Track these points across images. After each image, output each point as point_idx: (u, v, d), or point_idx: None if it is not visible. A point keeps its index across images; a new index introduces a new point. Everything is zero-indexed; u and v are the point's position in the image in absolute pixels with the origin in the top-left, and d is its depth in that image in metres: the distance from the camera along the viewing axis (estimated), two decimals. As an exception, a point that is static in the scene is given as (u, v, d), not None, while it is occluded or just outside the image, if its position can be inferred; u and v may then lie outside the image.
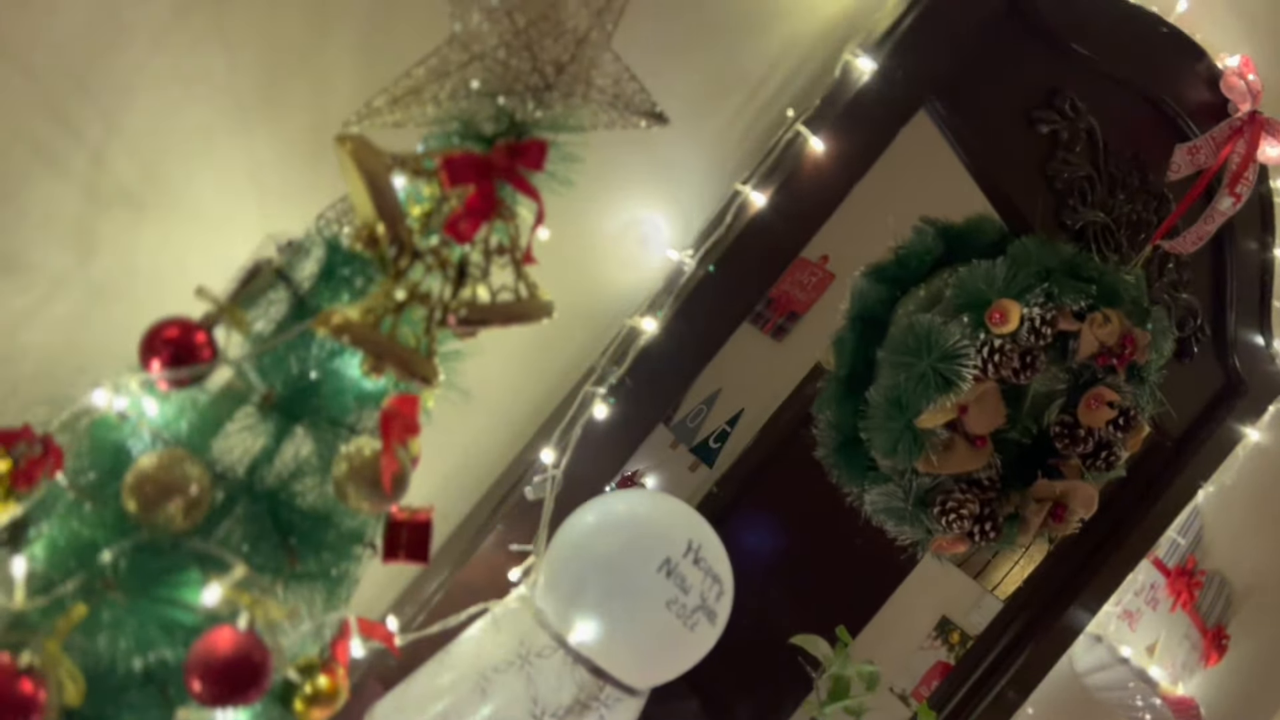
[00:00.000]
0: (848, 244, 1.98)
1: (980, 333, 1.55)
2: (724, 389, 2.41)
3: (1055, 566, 2.26)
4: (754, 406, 2.42)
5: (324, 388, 0.90)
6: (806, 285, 2.38)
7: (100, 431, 0.86)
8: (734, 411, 2.43)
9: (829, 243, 2.25)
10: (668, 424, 2.39)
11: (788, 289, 2.38)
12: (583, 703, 1.14)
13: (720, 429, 2.43)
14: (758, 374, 2.43)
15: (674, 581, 1.16)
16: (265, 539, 0.88)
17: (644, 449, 1.54)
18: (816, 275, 2.37)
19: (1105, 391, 1.68)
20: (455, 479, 1.40)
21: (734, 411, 2.43)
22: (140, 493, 0.78)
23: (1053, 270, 1.60)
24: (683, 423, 2.41)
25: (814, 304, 2.37)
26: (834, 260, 2.32)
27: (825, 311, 2.24)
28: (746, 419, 2.43)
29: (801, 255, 1.72)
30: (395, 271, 0.85)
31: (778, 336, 2.41)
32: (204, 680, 0.75)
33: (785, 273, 2.19)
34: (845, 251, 2.12)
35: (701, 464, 2.45)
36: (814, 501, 2.36)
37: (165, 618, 0.79)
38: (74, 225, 1.00)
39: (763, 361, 2.43)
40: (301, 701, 0.96)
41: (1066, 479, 1.77)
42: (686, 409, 2.41)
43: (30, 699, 0.69)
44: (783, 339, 2.41)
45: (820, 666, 2.52)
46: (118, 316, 1.04)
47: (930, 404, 1.56)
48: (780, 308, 2.39)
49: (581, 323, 1.38)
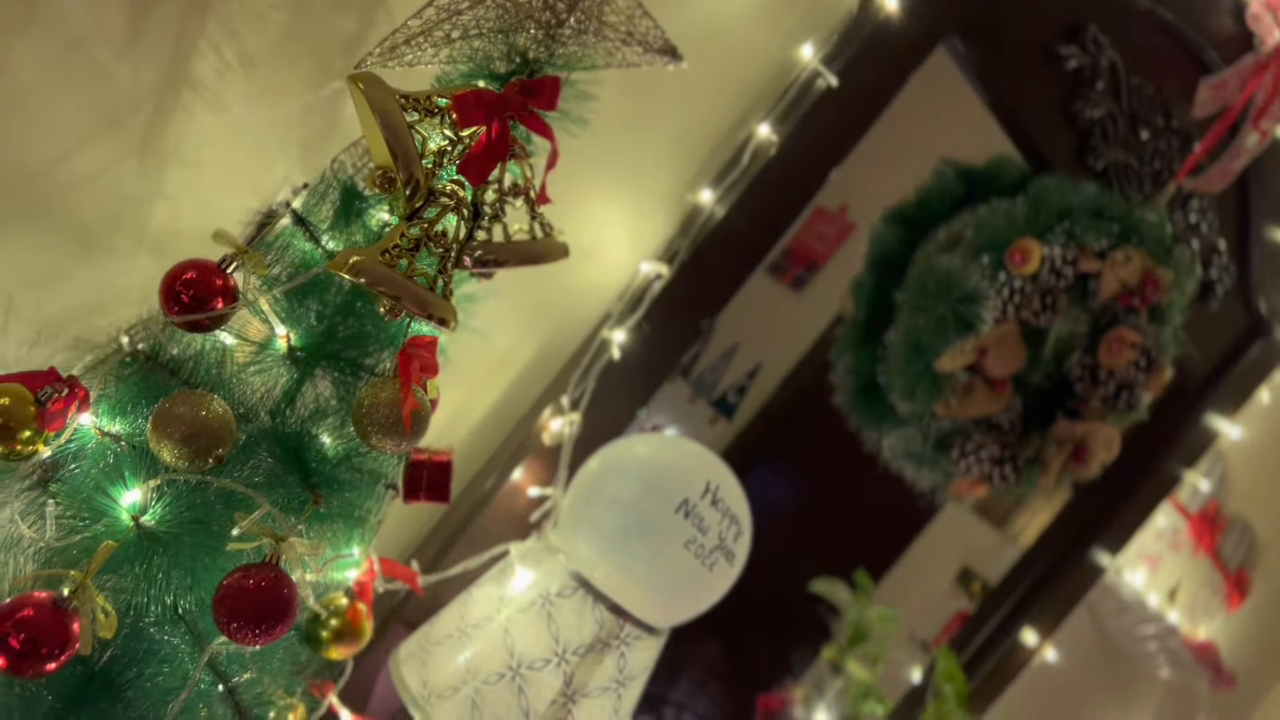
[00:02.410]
0: (867, 193, 1.97)
1: (1000, 274, 1.54)
2: (742, 342, 2.41)
3: (1076, 510, 2.26)
4: (773, 359, 2.42)
5: (342, 330, 0.91)
6: (825, 235, 2.36)
7: (125, 373, 0.87)
8: (753, 365, 2.43)
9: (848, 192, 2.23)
10: (686, 378, 2.39)
11: (806, 239, 2.36)
12: (604, 641, 1.15)
13: (739, 382, 2.43)
14: (776, 326, 2.43)
15: (692, 522, 1.17)
16: (288, 479, 0.89)
17: (663, 403, 1.54)
18: (835, 225, 2.35)
19: (1127, 333, 1.67)
20: (474, 422, 1.41)
21: (753, 365, 2.43)
22: (166, 432, 0.79)
23: (1074, 210, 1.58)
24: (701, 377, 2.41)
25: (833, 254, 2.36)
26: (853, 209, 2.30)
27: (845, 262, 2.23)
28: (765, 372, 2.43)
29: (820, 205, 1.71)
30: (410, 212, 0.86)
31: (797, 288, 2.40)
32: (233, 615, 0.77)
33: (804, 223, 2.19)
34: (864, 201, 2.10)
35: (721, 417, 2.46)
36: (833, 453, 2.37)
37: (192, 555, 0.80)
38: (93, 176, 1.00)
39: (782, 313, 2.42)
40: (327, 638, 0.98)
41: (1087, 421, 1.76)
42: (705, 363, 2.41)
43: (66, 631, 0.71)
44: (802, 290, 2.40)
45: (840, 613, 2.54)
46: (138, 264, 1.05)
47: (949, 347, 1.56)
48: (799, 258, 2.38)
49: (596, 267, 1.38)
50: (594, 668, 1.15)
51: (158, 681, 0.87)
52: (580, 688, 1.14)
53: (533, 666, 1.13)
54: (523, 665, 1.12)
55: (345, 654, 0.99)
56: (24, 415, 0.80)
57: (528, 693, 1.12)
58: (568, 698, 1.13)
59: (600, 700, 1.15)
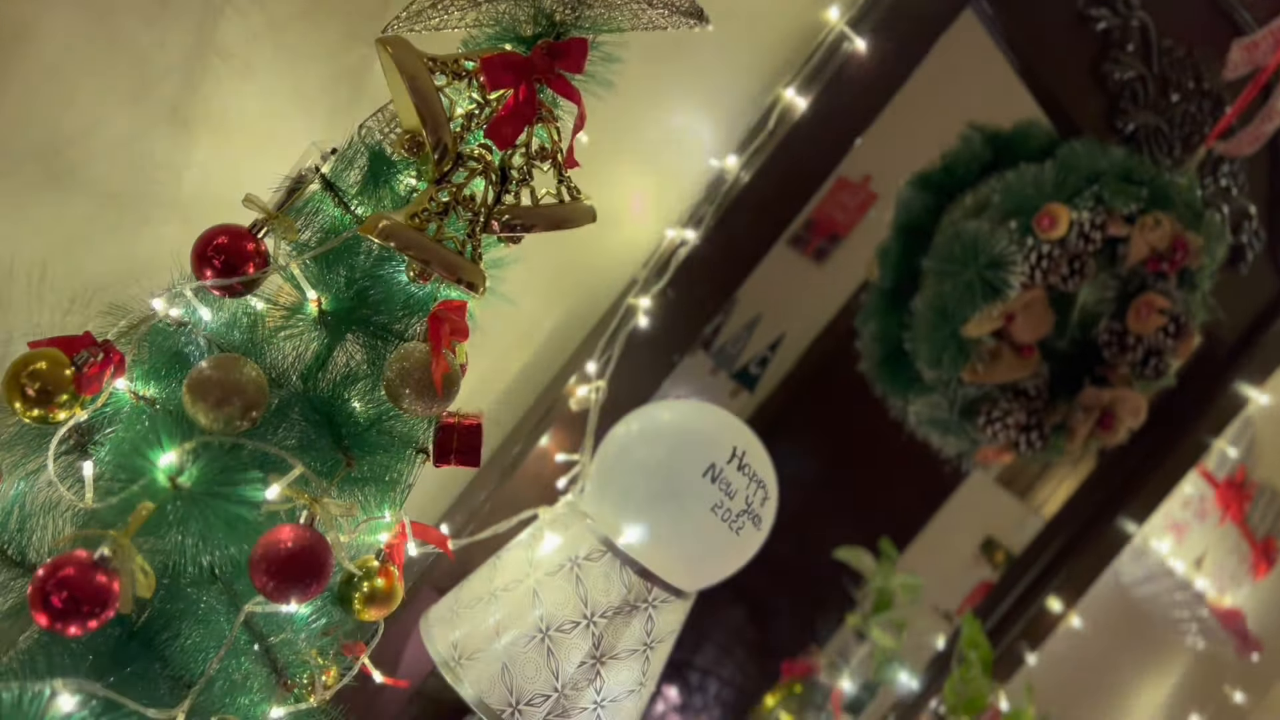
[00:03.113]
0: (890, 163, 1.95)
1: (1028, 239, 1.53)
2: (764, 314, 2.40)
3: (1102, 478, 2.25)
4: (795, 331, 2.42)
5: (372, 294, 0.92)
6: (849, 206, 2.34)
7: (158, 338, 0.88)
8: (775, 336, 2.42)
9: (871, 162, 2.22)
10: (707, 350, 2.39)
11: (829, 210, 2.35)
12: (631, 604, 1.16)
13: (761, 354, 2.43)
14: (799, 298, 2.42)
15: (719, 486, 1.18)
16: (320, 443, 0.90)
17: (684, 375, 1.55)
18: (859, 196, 2.33)
19: (1155, 298, 1.66)
20: (501, 389, 1.41)
21: (775, 336, 2.42)
22: (200, 395, 0.80)
23: (1103, 174, 1.57)
24: (723, 349, 2.41)
25: (856, 225, 2.34)
26: (876, 180, 2.28)
27: (868, 232, 2.22)
28: (788, 343, 2.43)
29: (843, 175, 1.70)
30: (439, 176, 0.86)
31: (819, 259, 2.39)
32: (268, 574, 0.78)
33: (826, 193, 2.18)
34: (888, 171, 2.09)
35: (743, 389, 2.46)
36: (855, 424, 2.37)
37: (228, 516, 0.81)
38: (123, 144, 1.01)
39: (804, 285, 2.41)
40: (359, 600, 0.99)
41: (1114, 388, 1.75)
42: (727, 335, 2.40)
43: (106, 590, 0.72)
44: (824, 261, 2.39)
45: (863, 581, 2.55)
46: (169, 231, 1.06)
47: (976, 312, 1.55)
48: (822, 229, 2.36)
49: (622, 233, 1.38)
50: (622, 630, 1.16)
51: (195, 641, 0.88)
52: (609, 650, 1.15)
53: (562, 629, 1.14)
54: (552, 627, 1.14)
55: (377, 616, 1.00)
56: (61, 379, 0.81)
57: (557, 654, 1.13)
58: (596, 659, 1.14)
59: (628, 662, 1.17)
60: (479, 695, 1.12)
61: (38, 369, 0.81)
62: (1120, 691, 2.87)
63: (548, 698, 1.12)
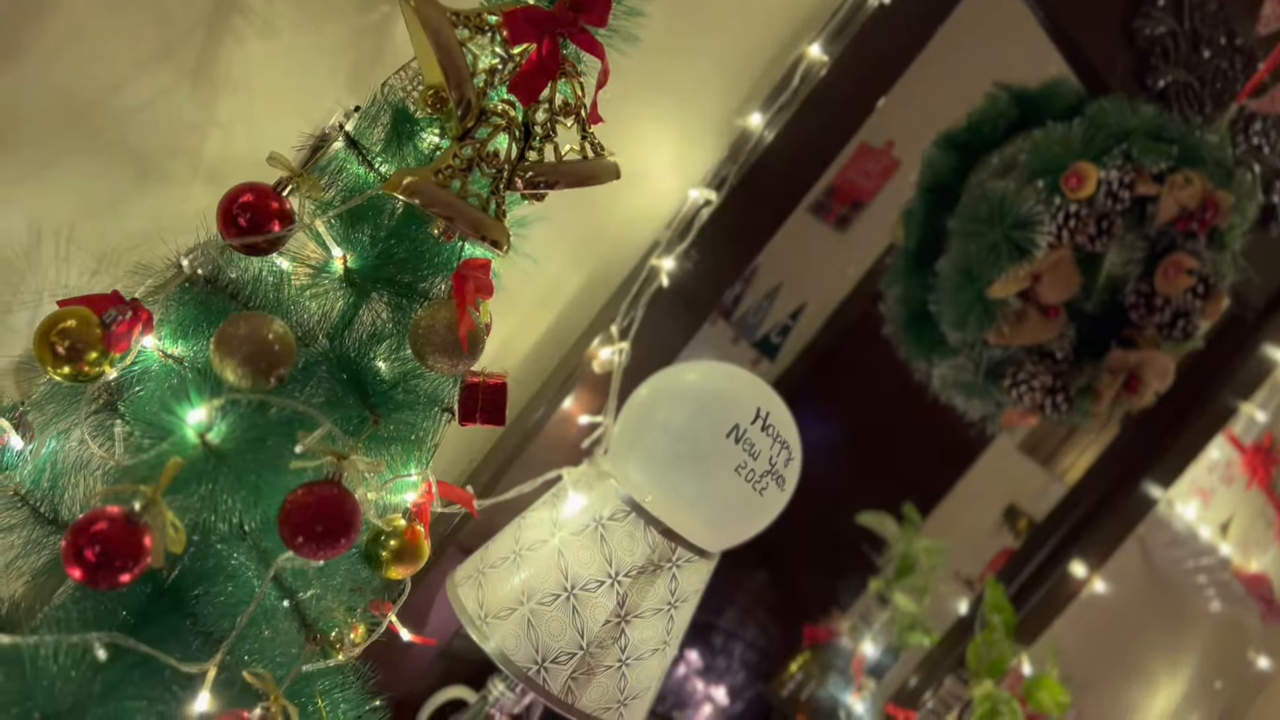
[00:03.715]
0: (912, 128, 1.93)
1: (1055, 198, 1.52)
2: (785, 283, 2.40)
3: (1127, 443, 2.23)
4: (816, 299, 2.41)
5: (397, 253, 0.92)
6: (871, 173, 2.32)
7: (186, 297, 0.88)
8: (796, 305, 2.42)
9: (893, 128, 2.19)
10: (728, 319, 2.39)
11: (852, 177, 2.33)
12: (655, 563, 1.17)
13: (783, 323, 2.42)
14: (820, 266, 2.41)
15: (743, 447, 1.18)
16: (347, 401, 0.90)
17: (705, 344, 1.54)
18: (881, 162, 2.31)
19: (1184, 258, 1.64)
20: (524, 351, 1.41)
21: (796, 305, 2.42)
22: (228, 352, 0.80)
23: (1132, 131, 1.55)
24: (744, 318, 2.40)
25: (878, 192, 2.33)
26: (899, 146, 2.26)
27: (890, 200, 2.20)
28: (809, 312, 2.42)
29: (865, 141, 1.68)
30: (462, 132, 0.85)
31: (841, 227, 2.37)
32: (298, 529, 0.78)
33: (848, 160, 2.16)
34: (910, 137, 2.07)
35: (764, 358, 2.45)
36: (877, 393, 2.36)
37: (257, 472, 0.82)
38: (147, 104, 1.01)
39: (825, 253, 2.40)
40: (386, 558, 1.00)
41: (1141, 350, 1.74)
42: (748, 304, 2.40)
43: (138, 544, 0.73)
44: (846, 229, 2.37)
45: (886, 547, 2.55)
46: (194, 192, 1.06)
47: (1002, 273, 1.54)
48: (843, 197, 2.35)
49: (644, 194, 1.37)
50: (646, 589, 1.16)
51: (225, 597, 0.89)
52: (633, 608, 1.16)
53: (586, 588, 1.14)
54: (576, 586, 1.14)
55: (404, 574, 1.00)
56: (91, 337, 0.82)
57: (582, 613, 1.14)
58: (621, 618, 1.15)
59: (653, 620, 1.17)
60: (505, 652, 1.12)
61: (68, 327, 0.81)
62: (1144, 656, 2.86)
63: (573, 655, 1.13)
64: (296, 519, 0.79)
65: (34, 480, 0.92)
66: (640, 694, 1.19)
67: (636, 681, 1.17)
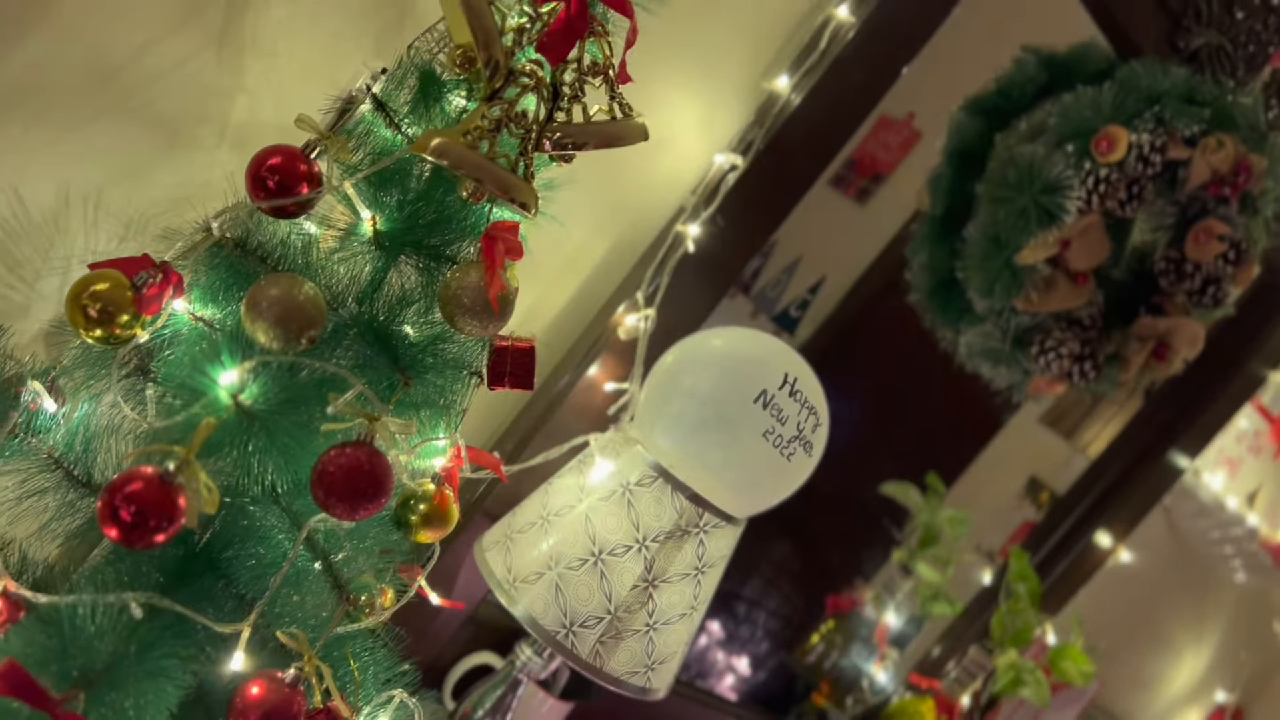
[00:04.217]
0: (935, 99, 1.91)
1: (1085, 162, 1.50)
2: (805, 256, 2.38)
3: (1153, 411, 2.22)
4: (836, 273, 2.39)
5: (425, 216, 0.91)
6: (891, 145, 2.30)
7: (214, 261, 0.88)
8: (815, 279, 2.40)
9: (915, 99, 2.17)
10: (747, 293, 2.37)
11: (872, 149, 2.31)
12: (683, 529, 1.17)
13: (802, 297, 2.41)
14: (840, 239, 2.39)
15: (770, 412, 1.17)
16: (376, 364, 0.90)
17: (723, 319, 1.53)
18: (902, 134, 2.28)
19: (1216, 224, 1.62)
20: (549, 319, 1.41)
21: (815, 279, 2.40)
22: (259, 313, 0.80)
23: (1164, 94, 1.52)
24: (762, 292, 2.39)
25: (899, 164, 2.30)
26: (920, 118, 2.24)
27: (911, 172, 2.18)
28: (829, 286, 2.40)
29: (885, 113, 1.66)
30: (490, 92, 0.85)
31: (861, 200, 2.35)
32: (331, 489, 0.79)
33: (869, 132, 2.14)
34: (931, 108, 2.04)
35: (783, 332, 2.44)
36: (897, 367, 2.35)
37: (289, 434, 0.82)
38: (173, 69, 1.01)
39: (845, 226, 2.38)
40: (416, 522, 1.01)
41: (1170, 317, 1.72)
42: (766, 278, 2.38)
43: (173, 504, 0.73)
44: (866, 202, 2.35)
45: (907, 520, 2.55)
46: (221, 157, 1.06)
47: (1031, 239, 1.52)
48: (864, 169, 2.32)
49: (670, 158, 1.36)
50: (674, 554, 1.16)
51: (256, 559, 0.90)
52: (660, 573, 1.16)
53: (614, 552, 1.14)
54: (604, 551, 1.14)
55: (433, 538, 1.01)
56: (122, 300, 0.82)
57: (610, 577, 1.14)
58: (648, 582, 1.15)
59: (680, 585, 1.17)
60: (533, 616, 1.13)
61: (99, 290, 0.81)
62: (1168, 626, 2.86)
63: (601, 620, 1.13)
64: (330, 480, 0.79)
65: (67, 443, 0.92)
66: (668, 658, 1.19)
67: (664, 646, 1.18)
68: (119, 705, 0.76)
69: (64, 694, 0.73)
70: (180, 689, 0.80)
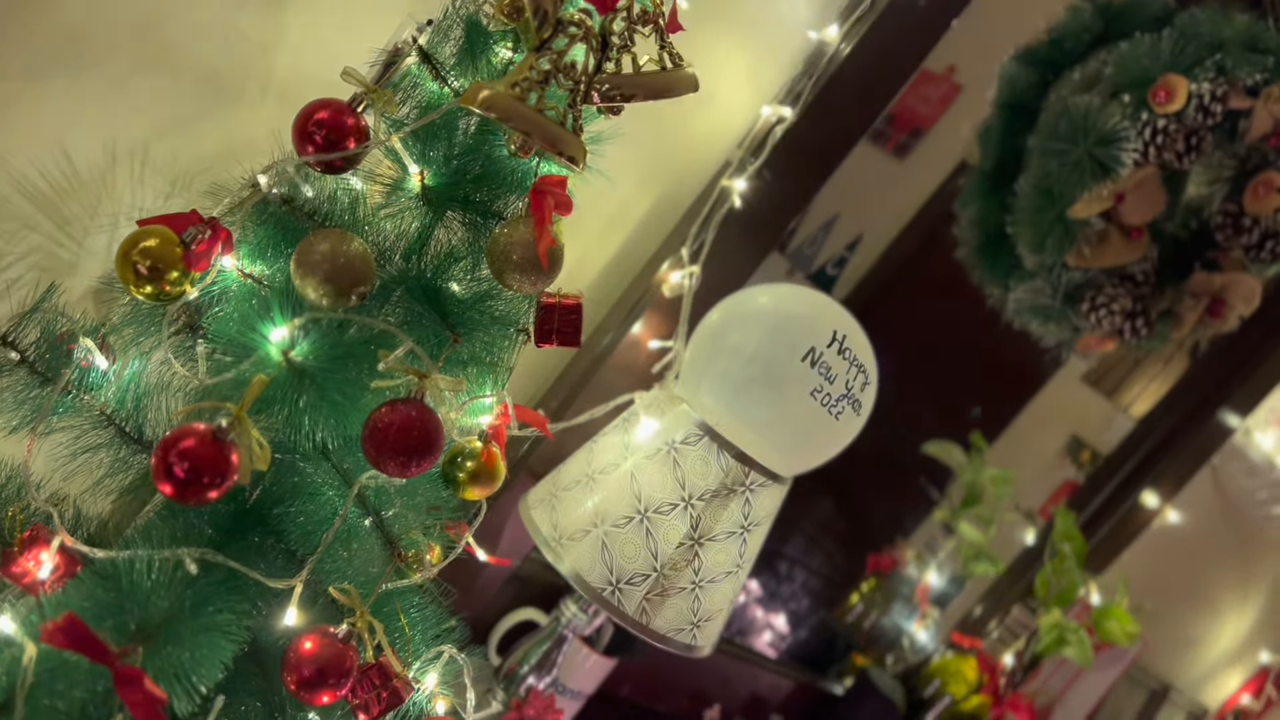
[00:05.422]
0: (976, 53, 1.86)
1: (1142, 113, 1.45)
2: (842, 213, 2.34)
3: (1198, 373, 2.17)
4: (874, 230, 2.35)
5: (472, 170, 0.90)
6: (931, 99, 2.25)
7: (261, 218, 0.88)
8: (853, 237, 2.36)
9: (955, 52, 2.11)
10: (783, 251, 2.34)
11: (911, 103, 2.26)
12: (729, 487, 1.16)
13: (839, 255, 2.38)
14: (878, 196, 2.35)
15: (819, 371, 1.16)
16: (425, 321, 0.90)
17: (758, 277, 1.51)
18: (942, 88, 2.23)
19: (1276, 176, 1.57)
20: (593, 276, 1.40)
21: (853, 237, 2.36)
22: (309, 269, 0.80)
23: (1225, 42, 1.47)
24: (799, 250, 2.36)
25: (939, 118, 2.25)
26: (961, 71, 2.19)
27: (952, 126, 2.13)
28: (866, 244, 2.37)
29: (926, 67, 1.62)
30: (538, 42, 0.83)
31: (900, 155, 2.30)
32: (382, 447, 0.79)
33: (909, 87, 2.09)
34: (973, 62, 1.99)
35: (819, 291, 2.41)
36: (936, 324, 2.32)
37: (339, 391, 0.82)
38: (216, 23, 1.00)
39: (883, 183, 2.34)
40: (464, 479, 1.00)
41: (1226, 272, 1.68)
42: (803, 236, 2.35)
43: (225, 460, 0.73)
44: (905, 157, 2.31)
45: (947, 481, 2.53)
46: (265, 113, 1.05)
47: (1085, 192, 1.48)
48: (903, 125, 2.27)
49: (715, 112, 1.34)
50: (719, 513, 1.16)
51: (306, 515, 0.90)
52: (706, 531, 1.15)
53: (659, 510, 1.14)
54: (650, 509, 1.14)
55: (481, 495, 1.01)
56: (171, 256, 0.82)
57: (656, 535, 1.14)
58: (694, 540, 1.14)
59: (726, 544, 1.17)
60: (580, 573, 1.13)
61: (149, 246, 0.81)
62: (1213, 587, 2.82)
63: (647, 577, 1.13)
64: (381, 436, 0.79)
65: (119, 400, 0.93)
66: (713, 616, 1.19)
67: (710, 604, 1.17)
68: (176, 659, 0.76)
69: (123, 648, 0.74)
70: (235, 643, 0.81)
